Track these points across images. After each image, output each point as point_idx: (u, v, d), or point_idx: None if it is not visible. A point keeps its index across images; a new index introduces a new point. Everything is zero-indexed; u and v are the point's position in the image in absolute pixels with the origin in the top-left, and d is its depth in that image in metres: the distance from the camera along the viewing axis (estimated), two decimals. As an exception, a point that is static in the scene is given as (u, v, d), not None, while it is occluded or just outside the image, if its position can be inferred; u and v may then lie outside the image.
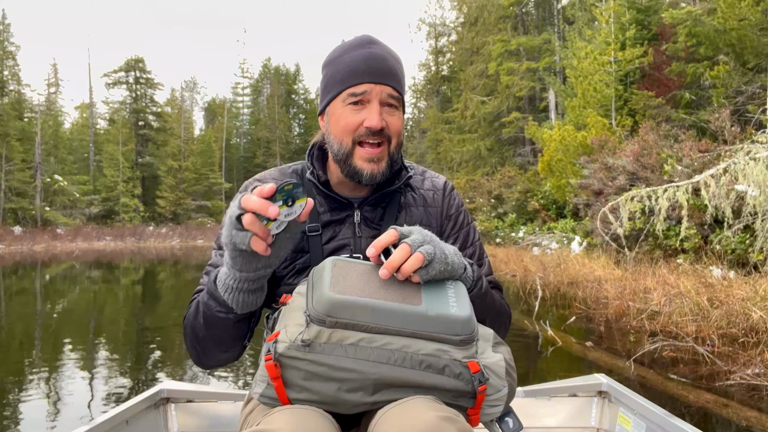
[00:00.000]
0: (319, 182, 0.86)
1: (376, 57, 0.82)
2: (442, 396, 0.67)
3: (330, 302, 0.65)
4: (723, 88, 9.53)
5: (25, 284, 9.32)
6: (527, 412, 1.26)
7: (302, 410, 0.65)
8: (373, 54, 0.82)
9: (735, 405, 2.46)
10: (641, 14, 12.62)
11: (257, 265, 0.68)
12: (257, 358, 0.75)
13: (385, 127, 0.81)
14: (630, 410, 1.19)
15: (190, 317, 0.79)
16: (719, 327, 3.71)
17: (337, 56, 0.84)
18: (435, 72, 29.57)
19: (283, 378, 0.65)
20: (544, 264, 8.13)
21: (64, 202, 26.93)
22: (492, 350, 0.73)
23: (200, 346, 0.79)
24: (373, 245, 0.70)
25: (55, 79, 35.07)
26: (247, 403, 0.81)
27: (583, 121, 11.93)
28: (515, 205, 14.79)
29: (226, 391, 1.29)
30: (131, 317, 5.70)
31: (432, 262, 0.70)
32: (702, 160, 6.52)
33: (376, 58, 0.82)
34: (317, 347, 0.65)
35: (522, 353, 3.53)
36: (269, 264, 0.69)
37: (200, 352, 0.80)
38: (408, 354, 0.66)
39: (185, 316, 0.82)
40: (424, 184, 0.93)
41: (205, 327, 0.76)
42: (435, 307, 0.68)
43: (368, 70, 0.81)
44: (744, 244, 5.42)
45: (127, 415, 1.09)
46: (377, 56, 0.82)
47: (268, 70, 40.42)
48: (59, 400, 2.76)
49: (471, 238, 0.93)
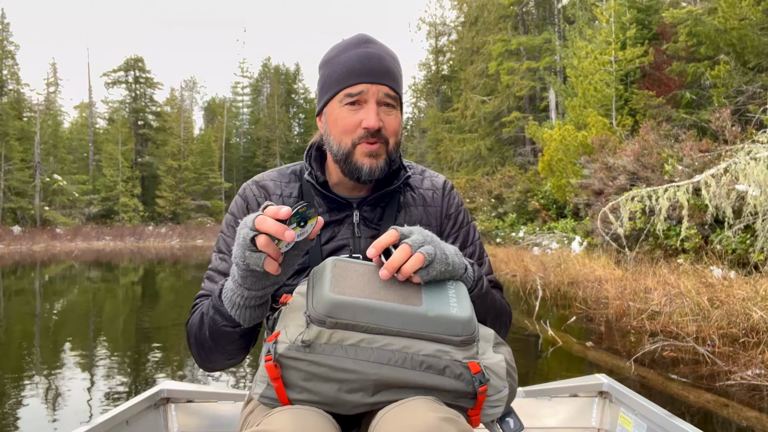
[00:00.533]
0: (318, 183, 0.86)
1: (373, 56, 0.81)
2: (442, 397, 0.67)
3: (330, 303, 0.65)
4: (724, 88, 9.52)
5: (24, 284, 9.30)
6: (528, 412, 1.26)
7: (302, 411, 0.65)
8: (369, 53, 0.81)
9: (735, 405, 2.45)
10: (642, 14, 12.61)
11: (266, 282, 0.68)
12: (257, 359, 0.75)
13: (383, 127, 0.81)
14: (631, 410, 1.18)
15: (194, 327, 0.78)
16: (720, 327, 3.70)
17: (333, 56, 0.84)
18: (435, 71, 29.58)
19: (283, 378, 0.65)
20: (544, 264, 8.12)
21: (64, 202, 26.90)
22: (493, 351, 0.72)
23: (205, 354, 0.79)
24: (374, 246, 0.70)
25: (55, 78, 35.01)
26: (248, 404, 0.81)
27: (584, 120, 11.92)
28: (515, 205, 14.78)
29: (226, 391, 1.28)
30: (131, 317, 5.70)
31: (432, 262, 0.70)
32: (702, 160, 6.51)
33: (372, 58, 0.81)
34: (317, 348, 0.64)
35: (522, 353, 3.53)
36: (277, 281, 0.69)
37: (205, 359, 0.81)
38: (408, 355, 0.65)
39: (188, 322, 0.82)
40: (423, 183, 0.93)
41: (211, 339, 0.76)
42: (435, 308, 0.68)
43: (364, 70, 0.80)
44: (744, 244, 5.41)
45: (127, 415, 1.09)
46: (374, 56, 0.81)
47: (267, 70, 40.41)
48: (59, 400, 2.76)
49: (471, 237, 0.93)
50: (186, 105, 37.53)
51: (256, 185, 0.89)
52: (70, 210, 27.07)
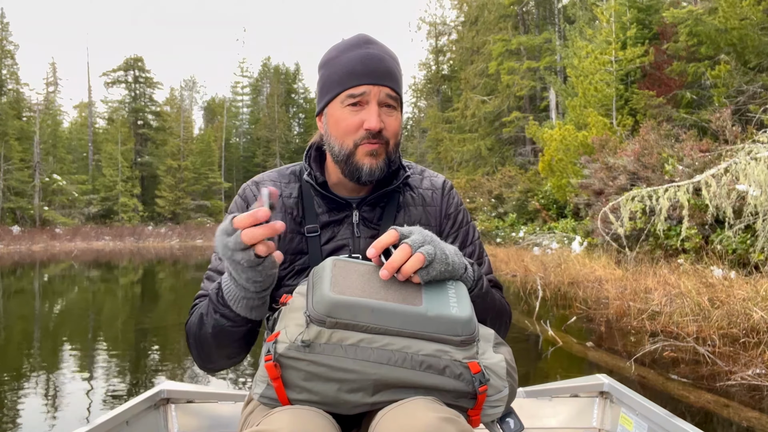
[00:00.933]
0: (317, 183, 0.86)
1: (374, 57, 0.81)
2: (442, 397, 0.67)
3: (330, 303, 0.65)
4: (724, 88, 9.51)
5: (23, 284, 9.27)
6: (528, 412, 1.26)
7: (302, 411, 0.65)
8: (370, 54, 0.81)
9: (736, 405, 2.45)
10: (642, 13, 12.61)
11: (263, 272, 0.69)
12: (257, 359, 0.75)
13: (384, 128, 0.81)
14: (632, 411, 1.18)
15: (194, 327, 0.78)
16: (720, 327, 3.70)
17: (333, 57, 0.84)
18: (435, 71, 29.56)
19: (283, 378, 0.65)
20: (544, 264, 8.11)
21: (63, 202, 26.78)
22: (493, 351, 0.72)
23: (205, 354, 0.80)
24: (374, 246, 0.70)
25: (54, 78, 34.80)
26: (248, 404, 0.81)
27: (584, 120, 11.92)
28: (516, 205, 14.77)
29: (226, 391, 1.28)
30: (130, 317, 5.68)
31: (432, 262, 0.70)
32: (703, 160, 6.51)
33: (373, 59, 0.81)
34: (317, 348, 0.64)
35: (522, 353, 3.52)
36: (273, 264, 0.70)
37: (205, 360, 0.81)
38: (408, 354, 0.65)
39: (187, 322, 0.82)
40: (422, 183, 0.93)
41: (213, 338, 0.76)
42: (435, 308, 0.67)
43: (366, 71, 0.80)
44: (745, 244, 5.41)
45: (127, 415, 1.09)
46: (375, 57, 0.81)
47: (267, 69, 40.35)
48: (58, 400, 2.75)
49: (470, 237, 0.93)
50: (186, 105, 37.43)
51: (255, 185, 0.89)
52: (69, 210, 26.96)
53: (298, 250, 0.84)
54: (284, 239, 0.84)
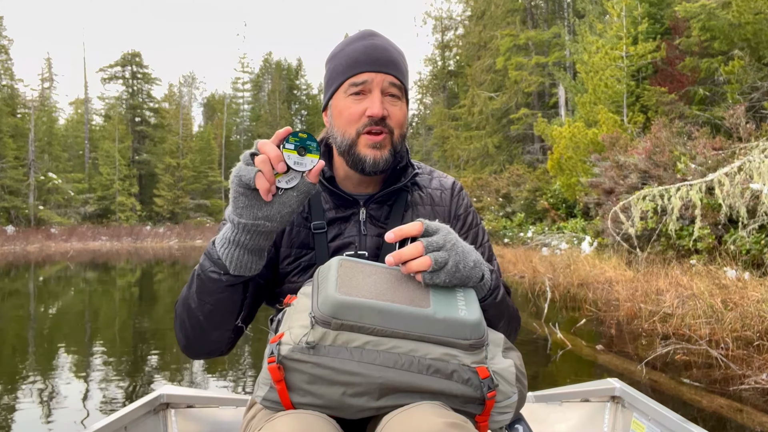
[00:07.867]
0: (324, 178, 0.85)
1: (377, 47, 0.82)
2: (449, 402, 0.66)
3: (336, 303, 0.63)
4: (738, 84, 9.35)
5: (18, 285, 9.08)
6: (538, 417, 1.24)
7: (305, 415, 0.63)
8: (374, 44, 0.82)
9: (749, 410, 2.40)
10: (654, 8, 12.41)
11: (257, 213, 0.67)
12: (259, 361, 0.74)
13: (387, 116, 0.80)
14: (644, 416, 1.16)
15: (184, 290, 0.78)
16: (733, 330, 3.63)
17: (338, 50, 0.85)
18: (441, 67, 29.41)
19: (286, 381, 0.64)
20: (553, 265, 8.03)
21: (59, 201, 26.31)
22: (502, 355, 0.71)
23: (190, 323, 0.77)
24: (394, 231, 0.69)
25: (49, 74, 34.00)
26: (250, 408, 0.80)
27: (594, 117, 11.78)
28: (524, 204, 14.66)
29: (226, 396, 1.27)
30: (128, 320, 5.59)
31: (439, 271, 0.68)
32: (716, 158, 6.39)
33: (377, 48, 0.81)
34: (322, 350, 0.63)
35: (531, 356, 3.48)
36: (270, 217, 0.68)
37: (189, 332, 0.78)
38: (415, 358, 0.64)
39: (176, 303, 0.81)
40: (431, 183, 0.92)
41: (197, 293, 0.74)
42: (443, 310, 0.66)
43: (368, 59, 0.80)
44: (759, 244, 5.31)
45: (126, 420, 1.07)
46: (378, 46, 0.82)
47: (269, 65, 40.23)
48: (55, 405, 2.69)
49: (480, 239, 0.91)
50: (185, 101, 37.10)
51: None
52: (65, 209, 26.48)
53: (304, 244, 0.84)
54: (291, 232, 0.84)
